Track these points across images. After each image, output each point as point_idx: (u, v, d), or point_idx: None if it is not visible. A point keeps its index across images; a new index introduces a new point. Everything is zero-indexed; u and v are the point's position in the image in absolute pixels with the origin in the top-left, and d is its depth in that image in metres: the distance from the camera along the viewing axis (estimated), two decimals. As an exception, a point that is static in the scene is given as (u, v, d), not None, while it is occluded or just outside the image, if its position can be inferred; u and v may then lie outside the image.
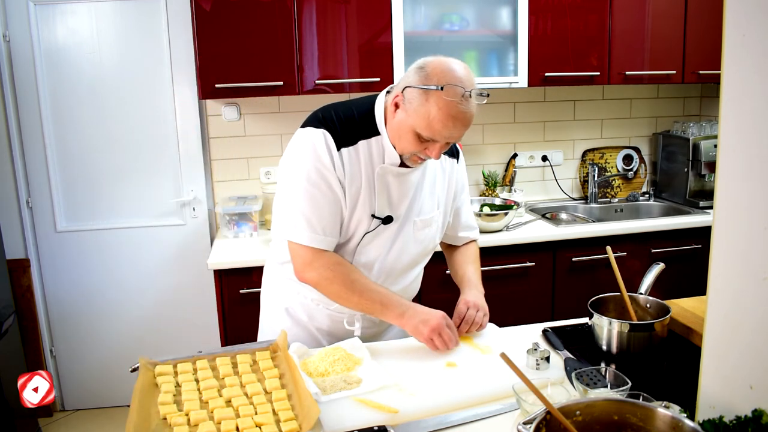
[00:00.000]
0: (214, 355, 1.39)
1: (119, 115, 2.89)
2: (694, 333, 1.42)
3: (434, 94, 1.32)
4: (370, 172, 1.46)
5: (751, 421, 0.91)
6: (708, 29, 2.85)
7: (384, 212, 1.49)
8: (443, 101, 1.32)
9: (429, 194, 1.57)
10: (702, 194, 3.08)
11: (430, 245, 1.63)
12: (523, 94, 3.17)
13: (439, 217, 1.61)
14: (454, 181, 1.64)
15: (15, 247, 2.92)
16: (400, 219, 1.52)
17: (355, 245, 1.51)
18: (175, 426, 1.13)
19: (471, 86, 1.34)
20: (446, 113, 1.32)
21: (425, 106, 1.34)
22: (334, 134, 1.43)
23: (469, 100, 1.33)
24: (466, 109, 1.34)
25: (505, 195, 3.08)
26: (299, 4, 2.53)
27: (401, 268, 1.58)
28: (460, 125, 1.35)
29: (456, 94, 1.32)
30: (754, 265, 0.92)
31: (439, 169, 1.60)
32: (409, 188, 1.51)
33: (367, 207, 1.47)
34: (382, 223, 1.49)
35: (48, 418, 3.02)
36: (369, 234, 1.50)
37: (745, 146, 0.93)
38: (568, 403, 0.98)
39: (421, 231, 1.57)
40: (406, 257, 1.57)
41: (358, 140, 1.45)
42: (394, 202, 1.50)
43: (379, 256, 1.53)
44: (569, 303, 2.73)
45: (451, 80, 1.33)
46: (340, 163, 1.43)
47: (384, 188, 1.48)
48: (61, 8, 2.78)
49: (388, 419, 1.18)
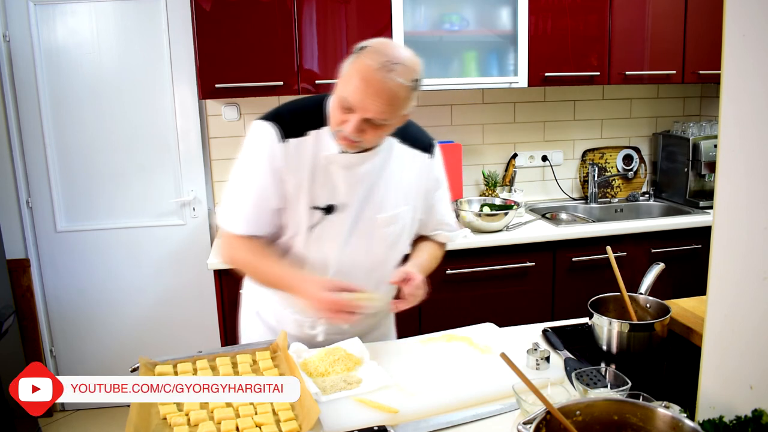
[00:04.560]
0: (214, 355, 1.39)
1: (119, 115, 2.89)
2: (694, 333, 1.42)
3: (357, 57, 1.33)
4: (316, 162, 1.44)
5: (751, 421, 0.91)
6: (708, 29, 2.85)
7: (324, 202, 1.45)
8: (360, 63, 1.30)
9: (393, 189, 1.50)
10: (702, 194, 3.08)
11: (398, 243, 1.57)
12: (523, 94, 3.17)
13: (406, 213, 1.54)
14: (425, 178, 1.57)
15: (15, 247, 2.92)
16: (350, 211, 1.46)
17: (304, 239, 1.47)
18: (175, 426, 1.13)
19: (399, 63, 1.30)
20: (360, 75, 1.29)
21: (348, 68, 1.33)
22: (282, 125, 1.42)
23: (389, 73, 1.28)
24: (382, 78, 1.28)
25: (505, 195, 3.08)
26: (299, 4, 2.53)
27: (368, 267, 1.52)
28: (373, 93, 1.29)
29: (375, 59, 1.29)
30: (754, 265, 0.92)
31: (407, 164, 1.53)
32: (360, 180, 1.46)
33: (309, 199, 1.45)
34: (326, 214, 1.45)
35: (48, 418, 3.02)
36: (317, 227, 1.46)
37: (745, 146, 0.93)
38: (568, 403, 0.99)
39: (386, 228, 1.51)
40: (369, 255, 1.52)
41: (307, 130, 1.43)
42: (340, 192, 1.45)
43: (332, 250, 1.48)
44: (569, 303, 2.73)
45: (379, 48, 1.32)
46: (283, 154, 1.41)
47: (327, 178, 1.44)
48: (61, 8, 2.78)
49: (388, 419, 1.18)
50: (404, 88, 1.32)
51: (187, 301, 3.04)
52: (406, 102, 1.36)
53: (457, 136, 3.13)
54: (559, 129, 3.28)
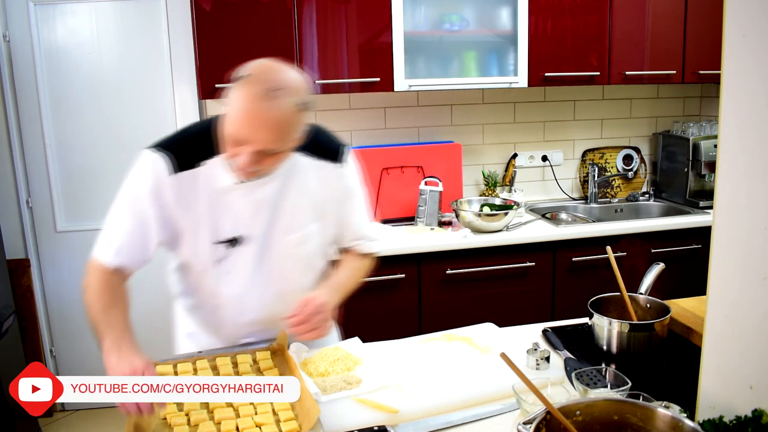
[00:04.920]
0: (214, 355, 1.39)
1: (119, 115, 2.89)
2: (694, 333, 1.42)
3: (238, 87, 1.22)
4: (213, 195, 1.35)
5: (751, 421, 0.91)
6: (708, 29, 2.85)
7: (227, 235, 1.37)
8: (242, 94, 1.20)
9: (300, 208, 1.42)
10: (702, 194, 3.08)
11: (314, 262, 1.51)
12: (523, 94, 3.17)
13: (317, 230, 1.46)
14: (335, 188, 1.47)
15: (15, 247, 2.92)
16: (256, 240, 1.39)
17: (214, 276, 1.41)
18: (175, 426, 1.13)
19: (281, 87, 1.21)
20: (243, 107, 1.20)
21: (232, 99, 1.23)
22: (171, 157, 1.33)
23: (273, 100, 1.19)
24: (266, 107, 1.18)
25: (505, 195, 3.08)
26: (299, 4, 2.53)
27: (286, 292, 1.45)
28: (259, 124, 1.19)
29: (257, 88, 1.19)
30: (754, 265, 0.92)
31: (313, 177, 1.43)
32: (261, 205, 1.38)
33: (211, 233, 1.37)
34: (230, 246, 1.38)
35: (48, 418, 3.02)
36: (224, 262, 1.39)
37: (745, 146, 0.93)
38: (568, 403, 0.99)
39: (297, 249, 1.43)
40: (284, 280, 1.45)
41: (199, 161, 1.34)
42: (243, 222, 1.38)
43: (245, 282, 1.42)
44: (569, 303, 2.73)
45: (258, 74, 1.22)
46: (172, 188, 1.33)
47: (229, 209, 1.36)
48: (61, 8, 2.78)
49: (388, 419, 1.18)
50: (291, 113, 1.23)
51: (187, 301, 3.04)
52: (297, 125, 1.27)
53: (457, 136, 3.13)
54: (559, 129, 3.28)
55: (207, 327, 1.53)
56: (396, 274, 2.53)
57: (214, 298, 1.46)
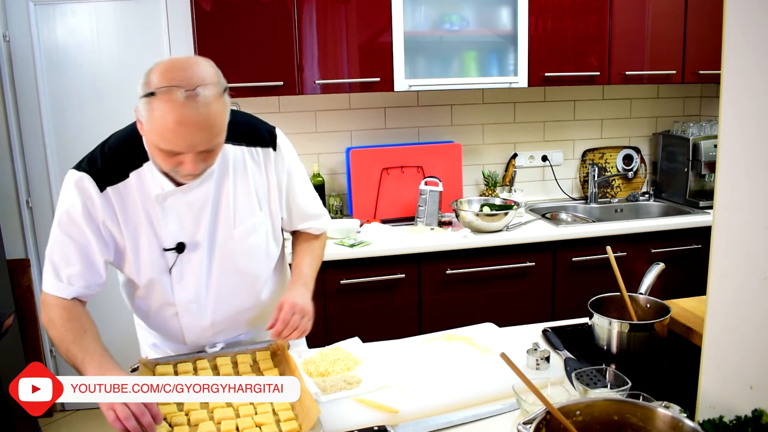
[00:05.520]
0: (214, 355, 1.39)
1: (119, 115, 2.88)
2: (694, 333, 1.42)
3: (153, 102, 1.15)
4: (148, 203, 1.32)
5: (751, 421, 0.91)
6: (708, 29, 2.85)
7: (173, 241, 1.35)
8: (162, 107, 1.14)
9: (241, 199, 1.40)
10: (702, 194, 3.08)
11: (268, 250, 1.48)
12: (523, 94, 3.17)
13: (264, 219, 1.44)
14: (274, 173, 1.44)
15: (15, 247, 2.92)
16: (203, 241, 1.37)
17: (165, 284, 1.38)
18: (175, 426, 1.13)
19: (198, 83, 1.16)
20: (172, 120, 1.14)
21: (151, 117, 1.16)
22: (96, 174, 1.30)
23: (196, 100, 1.14)
24: (193, 109, 1.14)
25: (505, 195, 3.08)
26: (299, 4, 2.53)
27: (245, 285, 1.45)
28: (194, 129, 1.16)
29: (173, 95, 1.14)
30: (754, 265, 0.92)
31: (250, 165, 1.41)
32: (203, 205, 1.35)
33: (156, 242, 1.34)
34: (177, 253, 1.35)
35: (48, 418, 3.02)
36: (175, 268, 1.37)
37: (745, 146, 0.93)
38: (568, 403, 0.99)
39: (246, 241, 1.41)
40: (241, 274, 1.44)
41: (129, 172, 1.32)
42: (187, 225, 1.35)
43: (201, 284, 1.40)
44: (569, 303, 2.73)
45: (169, 80, 1.15)
46: (106, 205, 1.30)
47: (168, 215, 1.33)
48: (61, 8, 2.78)
49: (388, 419, 1.18)
50: (217, 103, 1.19)
51: (187, 301, 3.04)
52: (225, 114, 1.23)
53: (457, 136, 3.13)
54: (559, 129, 3.28)
55: (169, 336, 1.50)
56: (396, 274, 2.53)
57: (170, 307, 1.42)
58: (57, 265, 1.33)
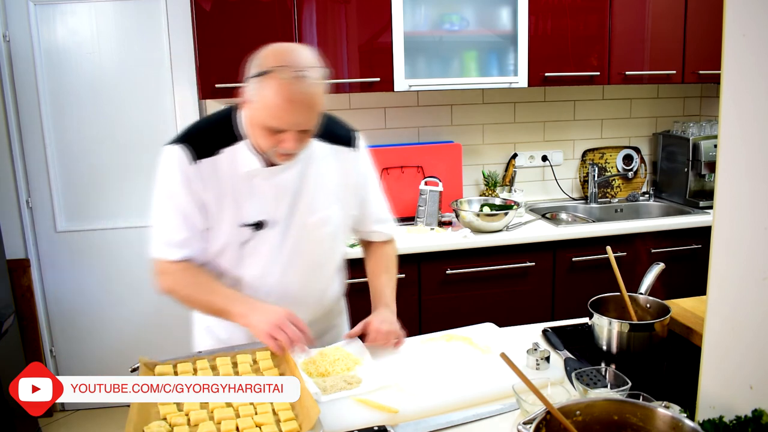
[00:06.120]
0: (214, 355, 1.39)
1: (119, 115, 2.89)
2: (694, 333, 1.42)
3: (266, 80, 1.27)
4: (236, 179, 1.41)
5: (751, 421, 0.91)
6: (708, 29, 2.85)
7: (254, 218, 1.43)
8: (275, 84, 1.26)
9: (320, 190, 1.48)
10: (702, 194, 3.08)
11: (335, 244, 1.56)
12: (523, 94, 3.17)
13: (337, 212, 1.52)
14: (353, 172, 1.55)
15: (15, 247, 2.92)
16: (280, 222, 1.45)
17: (236, 257, 1.45)
18: (175, 426, 1.13)
19: (306, 66, 1.28)
20: (281, 96, 1.25)
21: (261, 94, 1.28)
22: (192, 147, 1.39)
23: (304, 81, 1.26)
24: (302, 89, 1.26)
25: (505, 195, 3.08)
26: (299, 4, 2.53)
27: (308, 273, 1.52)
28: (300, 107, 1.27)
29: (287, 74, 1.25)
30: (754, 265, 0.92)
31: (331, 161, 1.50)
32: (285, 189, 1.44)
33: (237, 216, 1.42)
34: (255, 230, 1.43)
35: (48, 418, 3.02)
36: (249, 243, 1.44)
37: (745, 146, 0.93)
38: (568, 403, 0.99)
39: (318, 230, 1.49)
40: (307, 261, 1.51)
41: (220, 149, 1.40)
42: (269, 206, 1.43)
43: (268, 264, 1.47)
44: (569, 303, 2.73)
45: (281, 62, 1.27)
46: (197, 176, 1.39)
47: (253, 193, 1.42)
48: (61, 8, 2.78)
49: (388, 419, 1.18)
50: (321, 86, 1.31)
51: (187, 301, 3.04)
52: (324, 98, 1.34)
53: (457, 136, 3.13)
54: (559, 129, 3.28)
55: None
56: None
57: (234, 282, 1.48)
58: (164, 233, 1.44)
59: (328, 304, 1.63)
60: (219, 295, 1.40)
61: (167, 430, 1.12)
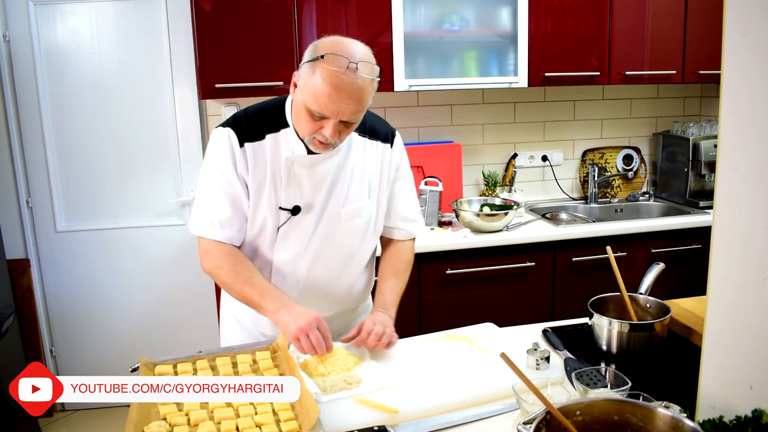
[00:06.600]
0: (214, 355, 1.39)
1: (119, 115, 2.89)
2: (694, 333, 1.42)
3: (318, 65, 1.31)
4: (277, 164, 1.46)
5: (751, 421, 0.91)
6: (708, 29, 2.85)
7: (291, 203, 1.47)
8: (326, 71, 1.29)
9: (355, 182, 1.53)
10: (702, 194, 3.08)
11: (366, 236, 1.58)
12: (523, 94, 3.17)
13: (370, 206, 1.56)
14: (387, 167, 1.59)
15: (15, 247, 2.92)
16: (315, 209, 1.49)
17: (271, 240, 1.50)
18: (174, 426, 1.13)
19: (361, 59, 1.31)
20: (329, 83, 1.29)
21: (312, 78, 1.32)
22: (239, 130, 1.45)
23: (355, 72, 1.30)
24: (351, 80, 1.30)
25: (505, 195, 3.08)
26: (299, 4, 2.53)
27: (338, 262, 1.55)
28: (345, 97, 1.31)
29: (338, 63, 1.29)
30: (754, 265, 0.92)
31: (368, 156, 1.55)
32: (323, 178, 1.48)
33: (274, 200, 1.47)
34: (291, 215, 1.47)
35: (48, 418, 3.02)
36: (283, 227, 1.49)
37: (745, 146, 0.93)
38: (568, 403, 0.99)
39: (350, 221, 1.53)
40: (337, 250, 1.54)
41: (266, 134, 1.46)
42: (306, 192, 1.48)
43: (300, 248, 1.51)
44: (569, 303, 2.73)
45: (336, 51, 1.31)
46: (243, 159, 1.44)
47: (293, 179, 1.46)
48: (61, 8, 2.78)
49: (388, 419, 1.18)
50: (370, 83, 1.35)
51: (187, 301, 3.04)
52: (372, 93, 1.38)
53: (457, 136, 3.13)
54: (559, 129, 3.28)
55: None
56: (396, 274, 2.53)
57: (266, 265, 1.52)
58: (209, 212, 1.48)
59: (355, 299, 1.65)
60: (255, 288, 1.43)
61: (167, 430, 1.12)
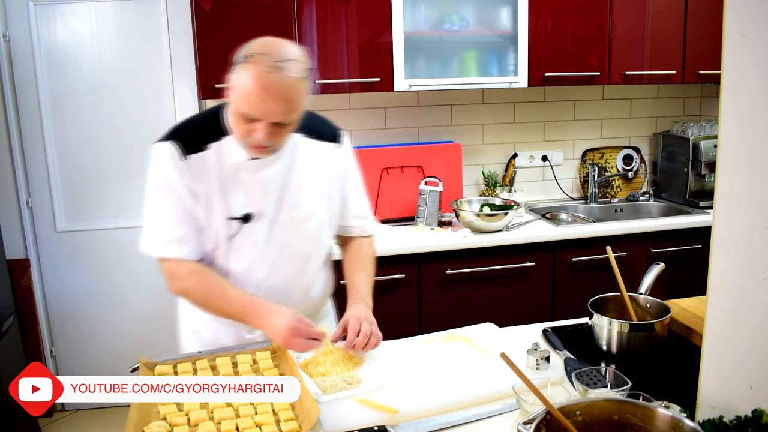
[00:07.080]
0: (214, 355, 1.39)
1: (119, 115, 2.89)
2: (694, 333, 1.42)
3: (245, 66, 1.30)
4: (224, 173, 1.43)
5: (751, 421, 0.91)
6: (708, 29, 2.85)
7: (241, 211, 1.45)
8: (253, 71, 1.28)
9: (305, 184, 1.51)
10: (702, 194, 3.08)
11: (321, 237, 1.58)
12: (523, 94, 3.17)
13: (322, 206, 1.55)
14: (336, 167, 1.57)
15: (15, 247, 2.91)
16: (267, 215, 1.47)
17: (225, 251, 1.47)
18: (174, 426, 1.13)
19: (288, 58, 1.30)
20: (256, 83, 1.27)
21: (240, 80, 1.31)
22: (181, 143, 1.42)
23: (282, 71, 1.28)
24: (278, 78, 1.28)
25: (505, 195, 3.08)
26: (299, 4, 2.53)
27: (294, 266, 1.54)
28: (273, 96, 1.28)
29: (264, 62, 1.28)
30: (754, 265, 0.92)
31: (316, 156, 1.53)
32: (271, 182, 1.46)
33: (224, 210, 1.44)
34: (243, 222, 1.45)
35: (48, 418, 3.02)
36: (236, 237, 1.46)
37: (745, 146, 0.93)
38: (568, 403, 0.99)
39: (304, 224, 1.52)
40: (293, 254, 1.52)
41: (207, 144, 1.43)
42: (255, 199, 1.45)
43: (255, 257, 1.48)
44: (569, 303, 2.73)
45: (264, 51, 1.30)
46: (187, 171, 1.41)
47: (239, 186, 1.44)
48: (61, 8, 2.78)
49: (388, 419, 1.18)
50: (300, 81, 1.32)
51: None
52: (304, 94, 1.36)
53: (457, 136, 3.13)
54: (559, 129, 3.28)
55: None
56: (396, 274, 2.53)
57: (224, 275, 1.49)
58: (163, 230, 1.45)
59: (315, 301, 1.64)
60: (231, 303, 1.42)
61: (167, 430, 1.12)
